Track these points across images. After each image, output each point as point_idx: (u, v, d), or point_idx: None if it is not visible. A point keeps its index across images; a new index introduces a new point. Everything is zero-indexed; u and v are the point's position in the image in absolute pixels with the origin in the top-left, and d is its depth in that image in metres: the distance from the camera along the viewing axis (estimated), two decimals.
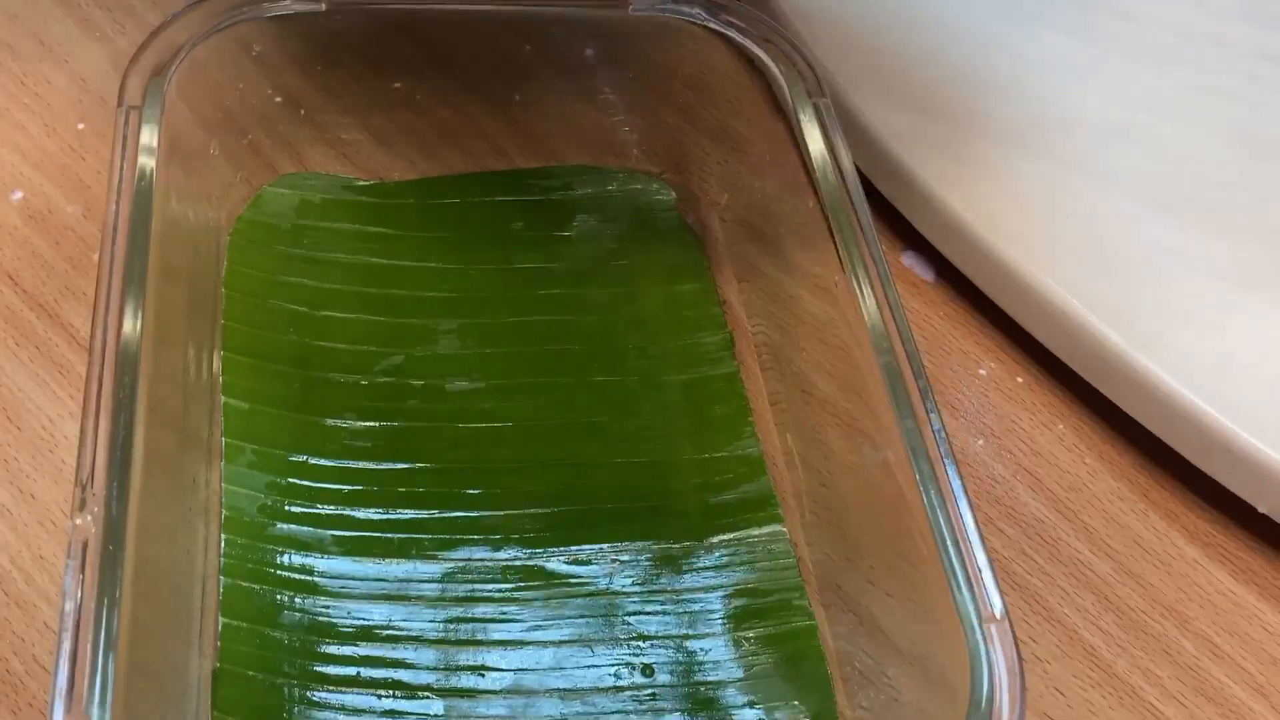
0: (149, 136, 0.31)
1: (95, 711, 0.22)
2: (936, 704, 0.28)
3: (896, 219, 0.41)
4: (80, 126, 0.40)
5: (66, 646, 0.23)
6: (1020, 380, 0.39)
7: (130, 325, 0.28)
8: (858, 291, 0.31)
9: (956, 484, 0.28)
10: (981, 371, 0.39)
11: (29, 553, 0.32)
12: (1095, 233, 0.38)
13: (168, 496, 0.29)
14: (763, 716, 0.30)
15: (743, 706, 0.31)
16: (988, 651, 0.26)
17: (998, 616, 0.26)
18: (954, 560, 0.27)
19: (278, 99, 0.40)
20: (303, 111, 0.40)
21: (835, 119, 0.34)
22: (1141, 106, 0.41)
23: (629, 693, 0.30)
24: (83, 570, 0.24)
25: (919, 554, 0.29)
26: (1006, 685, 0.25)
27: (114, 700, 0.23)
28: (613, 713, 0.30)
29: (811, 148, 0.34)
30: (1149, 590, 0.35)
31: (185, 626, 0.29)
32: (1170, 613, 0.35)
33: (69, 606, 0.23)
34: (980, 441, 0.37)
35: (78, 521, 0.24)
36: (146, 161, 0.31)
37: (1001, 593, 0.27)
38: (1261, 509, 0.35)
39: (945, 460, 0.28)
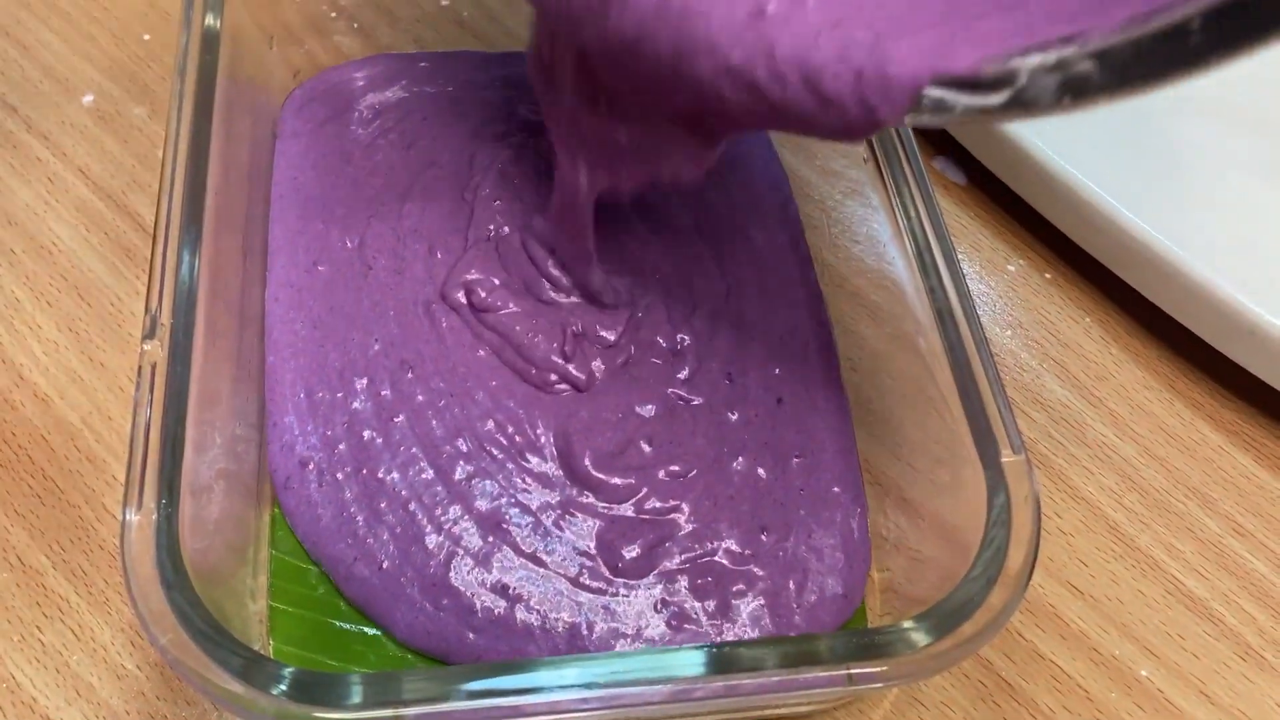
0: (212, 20, 0.33)
1: (161, 510, 0.24)
2: (954, 560, 0.28)
3: None
4: (146, 37, 0.42)
5: (137, 456, 0.25)
6: (1048, 276, 0.40)
7: (193, 194, 0.29)
8: (889, 182, 0.32)
9: (979, 335, 0.29)
10: (1010, 268, 0.40)
11: (99, 414, 0.33)
12: (1123, 130, 0.39)
13: (226, 359, 0.31)
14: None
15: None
16: (1006, 484, 0.27)
17: (1015, 453, 0.27)
18: (974, 407, 0.28)
19: (332, 14, 0.41)
20: (355, 25, 0.42)
21: None
22: None
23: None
24: (151, 390, 0.25)
25: (941, 419, 0.29)
26: (1026, 520, 0.26)
27: (179, 512, 0.24)
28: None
29: None
30: (1173, 473, 0.36)
31: (242, 475, 0.30)
32: (1194, 494, 0.35)
33: (138, 420, 0.25)
34: (1009, 333, 0.38)
35: (146, 347, 0.26)
36: (210, 45, 0.32)
37: (1019, 435, 0.27)
38: None
39: (969, 320, 0.29)
